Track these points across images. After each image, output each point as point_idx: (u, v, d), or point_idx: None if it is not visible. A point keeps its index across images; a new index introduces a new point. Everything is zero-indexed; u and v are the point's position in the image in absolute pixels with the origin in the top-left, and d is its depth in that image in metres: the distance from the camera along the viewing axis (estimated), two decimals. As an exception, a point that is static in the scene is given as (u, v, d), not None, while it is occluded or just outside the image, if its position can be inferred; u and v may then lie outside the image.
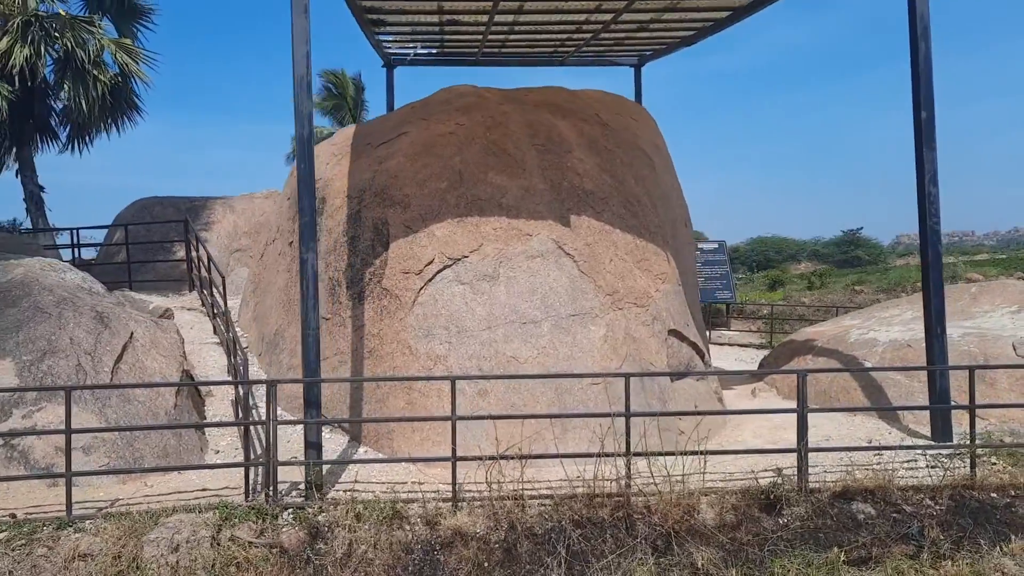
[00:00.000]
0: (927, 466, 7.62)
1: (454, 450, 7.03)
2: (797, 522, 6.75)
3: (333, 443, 9.24)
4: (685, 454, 7.03)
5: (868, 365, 10.42)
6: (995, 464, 7.63)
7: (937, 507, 6.85)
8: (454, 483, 6.96)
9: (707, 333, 21.21)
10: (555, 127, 10.65)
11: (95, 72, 19.42)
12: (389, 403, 8.94)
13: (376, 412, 9.05)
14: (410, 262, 9.33)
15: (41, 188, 21.51)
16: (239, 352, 9.65)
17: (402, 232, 9.53)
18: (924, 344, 10.30)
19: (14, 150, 21.22)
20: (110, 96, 19.63)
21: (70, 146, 21.71)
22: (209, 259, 14.06)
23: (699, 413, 8.04)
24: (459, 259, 9.28)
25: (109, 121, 20.93)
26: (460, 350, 8.86)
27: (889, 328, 11.40)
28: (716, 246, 27.76)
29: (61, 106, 21.08)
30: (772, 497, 6.79)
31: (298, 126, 7.04)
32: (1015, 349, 9.48)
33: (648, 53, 16.39)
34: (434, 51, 15.75)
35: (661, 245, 10.39)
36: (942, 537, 6.53)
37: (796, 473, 7.09)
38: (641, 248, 10.09)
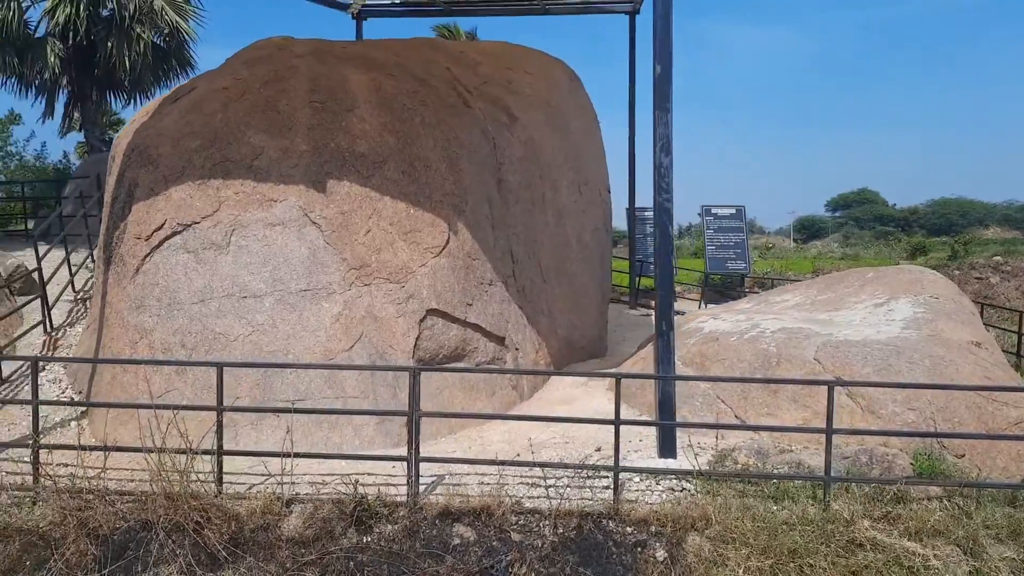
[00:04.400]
0: (608, 487, 6.47)
1: (36, 437, 6.46)
2: (383, 543, 5.82)
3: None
4: (276, 455, 6.19)
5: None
6: (682, 491, 6.38)
7: (552, 538, 5.75)
8: (35, 472, 6.41)
9: (701, 304, 19.58)
10: (345, 83, 9.72)
11: (138, 30, 19.68)
12: (103, 377, 8.48)
13: (94, 385, 8.62)
14: (142, 227, 8.76)
15: (103, 142, 22.08)
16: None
17: (146, 194, 8.95)
18: (747, 335, 8.96)
19: (79, 106, 21.82)
20: (152, 53, 19.88)
21: (131, 101, 22.32)
22: (85, 216, 14.13)
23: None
24: (190, 225, 8.62)
25: (162, 77, 21.36)
26: (167, 324, 8.24)
27: (741, 316, 9.95)
28: (732, 212, 25.56)
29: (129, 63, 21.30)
30: (356, 511, 5.87)
31: None
32: (816, 353, 7.97)
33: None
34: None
35: (447, 215, 9.34)
36: (529, 576, 5.47)
37: (407, 484, 6.12)
38: (414, 218, 9.11)
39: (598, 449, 7.54)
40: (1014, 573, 5.42)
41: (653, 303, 21.48)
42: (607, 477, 6.62)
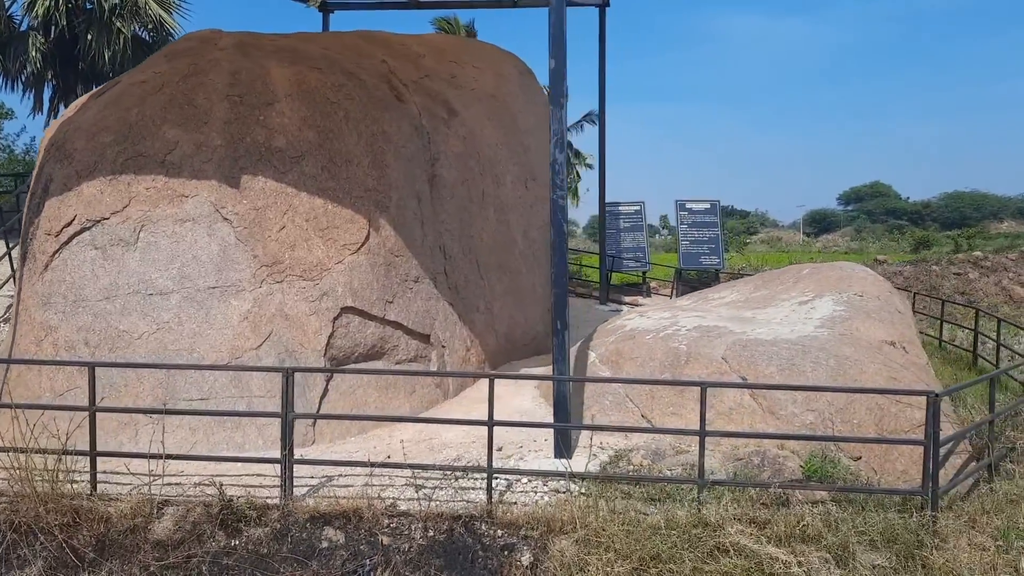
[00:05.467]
0: (495, 488, 6.36)
1: (-92, 435, 6.37)
2: (250, 546, 5.72)
3: None
4: (145, 456, 6.09)
5: (591, 358, 8.99)
6: (566, 493, 6.26)
7: (420, 541, 5.65)
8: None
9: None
10: (266, 76, 9.58)
11: (118, 24, 19.48)
12: (11, 375, 8.38)
13: (5, 384, 8.51)
14: (53, 223, 8.65)
15: None
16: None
17: (59, 189, 8.84)
18: (662, 333, 8.84)
19: (64, 99, 21.52)
20: (134, 47, 19.69)
21: None
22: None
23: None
24: (99, 221, 8.51)
25: None
26: (72, 321, 8.14)
27: (667, 313, 9.83)
28: (707, 206, 25.35)
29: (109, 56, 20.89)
30: (223, 514, 5.77)
31: None
32: (725, 352, 7.85)
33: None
34: None
35: (368, 211, 9.22)
36: (390, 581, 5.36)
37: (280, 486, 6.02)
38: (331, 214, 8.98)
39: (499, 449, 7.43)
40: (885, 580, 5.30)
41: (625, 298, 21.41)
42: (496, 479, 6.51)
